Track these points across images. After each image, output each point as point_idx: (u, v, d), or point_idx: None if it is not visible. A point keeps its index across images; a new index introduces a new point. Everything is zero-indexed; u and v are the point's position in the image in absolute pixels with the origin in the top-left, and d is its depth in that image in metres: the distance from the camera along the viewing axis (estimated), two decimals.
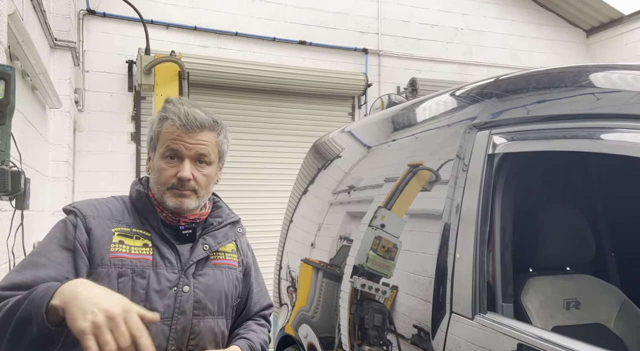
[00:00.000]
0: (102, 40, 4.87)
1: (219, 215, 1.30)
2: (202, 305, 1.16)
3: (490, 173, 1.27)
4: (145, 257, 1.13)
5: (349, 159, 2.19)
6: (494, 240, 1.24)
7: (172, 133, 1.16)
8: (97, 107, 4.81)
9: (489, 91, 1.43)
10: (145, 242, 1.14)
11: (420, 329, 1.37)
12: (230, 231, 1.29)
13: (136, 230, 1.16)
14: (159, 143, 1.19)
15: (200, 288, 1.17)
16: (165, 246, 1.16)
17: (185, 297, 1.14)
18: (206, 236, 1.23)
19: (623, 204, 1.82)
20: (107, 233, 1.12)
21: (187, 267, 1.16)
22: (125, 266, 1.10)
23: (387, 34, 6.10)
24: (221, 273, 1.23)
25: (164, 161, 1.17)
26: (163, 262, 1.14)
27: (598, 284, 1.45)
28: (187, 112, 1.18)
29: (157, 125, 1.20)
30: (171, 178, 1.16)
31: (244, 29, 5.44)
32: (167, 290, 1.12)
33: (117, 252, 1.10)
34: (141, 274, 1.10)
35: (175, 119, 1.16)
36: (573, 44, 6.88)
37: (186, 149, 1.16)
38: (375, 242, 1.73)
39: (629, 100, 1.02)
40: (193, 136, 1.17)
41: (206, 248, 1.20)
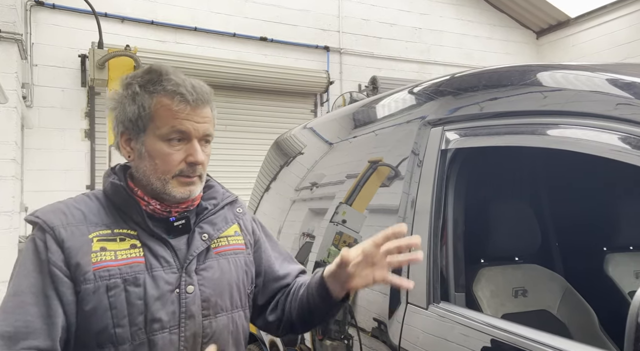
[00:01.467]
0: (53, 32, 4.66)
1: (213, 197, 1.12)
2: (212, 303, 1.01)
3: (443, 168, 1.31)
4: (135, 260, 0.96)
5: (311, 156, 2.20)
6: (447, 233, 1.29)
7: (179, 112, 0.97)
8: (47, 102, 4.60)
9: (441, 89, 1.48)
10: (132, 243, 0.97)
11: (379, 321, 1.41)
12: (229, 212, 1.12)
13: (119, 230, 0.98)
14: (153, 123, 0.98)
15: (206, 285, 1.01)
16: (157, 243, 0.99)
17: (191, 298, 0.98)
18: (202, 224, 1.06)
19: (566, 197, 1.92)
20: (85, 242, 0.95)
21: (187, 263, 1.00)
22: (113, 277, 0.93)
23: (348, 32, 6.16)
24: (227, 261, 1.07)
25: (167, 144, 0.98)
26: (158, 261, 0.97)
27: (543, 273, 1.54)
28: (192, 83, 1.00)
29: (145, 98, 0.98)
30: (179, 164, 0.98)
31: (203, 24, 5.35)
32: (168, 294, 0.96)
33: (100, 261, 0.93)
34: (134, 282, 0.94)
35: (185, 93, 0.96)
36: (524, 44, 7.19)
37: (195, 130, 0.98)
38: (336, 238, 1.75)
39: (571, 98, 1.08)
40: (199, 113, 0.99)
41: (205, 238, 1.04)
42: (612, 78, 1.03)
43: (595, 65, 1.16)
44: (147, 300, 0.94)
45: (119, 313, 0.93)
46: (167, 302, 0.96)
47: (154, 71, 1.01)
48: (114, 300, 0.92)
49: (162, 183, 0.99)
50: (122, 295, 0.93)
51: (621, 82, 1.01)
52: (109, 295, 0.92)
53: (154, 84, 0.99)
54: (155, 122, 0.98)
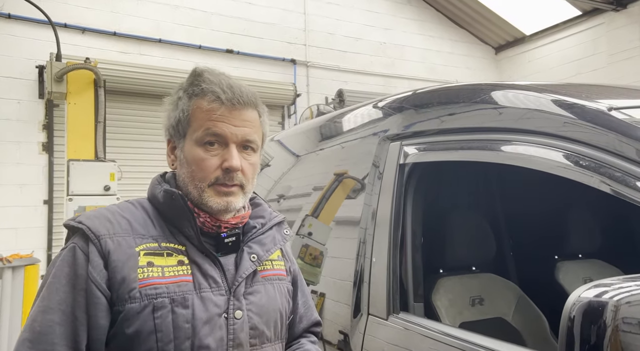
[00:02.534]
0: (8, 43, 4.50)
1: (261, 215, 1.04)
2: (259, 331, 0.93)
3: (402, 181, 1.36)
4: (183, 278, 0.87)
5: (278, 168, 2.21)
6: (406, 244, 1.32)
7: (212, 111, 0.90)
8: (2, 114, 4.42)
9: (401, 105, 1.53)
10: (180, 259, 0.89)
11: (344, 333, 1.42)
12: (278, 234, 1.04)
13: (166, 244, 0.89)
14: (191, 127, 0.91)
15: (254, 311, 0.93)
16: (206, 261, 0.90)
17: (239, 325, 0.89)
18: (251, 243, 0.98)
19: (519, 209, 2.01)
20: (131, 255, 0.85)
21: (236, 286, 0.91)
22: (161, 296, 0.84)
23: (314, 46, 6.24)
24: (272, 287, 0.99)
25: (202, 149, 0.90)
26: (207, 282, 0.89)
27: (499, 281, 1.60)
28: (230, 83, 0.92)
29: (185, 102, 0.92)
30: (214, 171, 0.90)
31: (168, 35, 5.30)
32: (216, 319, 0.87)
33: (147, 278, 0.84)
34: (182, 303, 0.85)
35: (217, 91, 0.90)
36: (484, 59, 7.47)
37: (231, 133, 0.90)
38: (302, 250, 1.76)
39: (522, 116, 1.15)
40: (238, 115, 0.91)
41: (254, 259, 0.95)
42: (557, 99, 1.10)
43: (542, 86, 1.23)
44: (194, 324, 0.85)
45: (165, 337, 0.83)
46: (216, 327, 0.87)
47: (194, 73, 0.95)
48: (160, 322, 0.83)
49: (198, 192, 0.91)
50: (169, 317, 0.84)
51: (565, 103, 1.08)
52: (155, 316, 0.83)
53: (193, 86, 0.93)
54: (192, 126, 0.92)
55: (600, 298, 0.69)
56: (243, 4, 5.78)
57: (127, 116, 5.01)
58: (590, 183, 0.95)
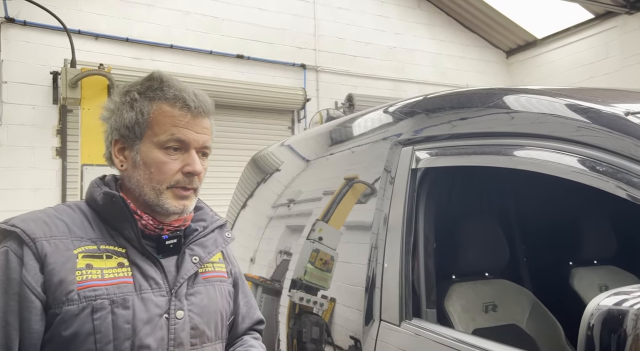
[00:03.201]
0: (24, 49, 4.59)
1: (202, 218, 1.07)
2: (200, 331, 0.96)
3: (414, 186, 1.35)
4: (124, 280, 0.89)
5: (288, 173, 2.22)
6: (418, 250, 1.32)
7: (179, 118, 0.93)
8: (17, 120, 4.50)
9: (413, 109, 1.53)
10: (120, 261, 0.90)
11: (355, 338, 1.41)
12: (219, 237, 1.07)
13: (105, 246, 0.91)
14: (151, 130, 0.93)
15: (194, 311, 0.96)
16: (146, 263, 0.92)
17: (180, 325, 0.92)
18: (193, 245, 1.00)
19: (533, 214, 1.99)
20: (69, 257, 0.86)
21: (177, 287, 0.93)
22: (100, 297, 0.85)
23: (324, 51, 6.26)
24: (213, 288, 1.02)
25: (164, 152, 0.93)
26: (148, 283, 0.91)
27: (512, 287, 1.58)
28: (195, 92, 0.97)
29: (145, 105, 0.94)
30: (175, 174, 0.94)
31: (179, 41, 5.35)
32: (157, 319, 0.90)
33: (86, 280, 0.85)
34: (123, 304, 0.87)
35: (186, 99, 0.94)
36: (495, 63, 7.44)
37: (194, 140, 0.95)
38: (313, 255, 1.76)
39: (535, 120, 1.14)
40: (200, 123, 0.96)
41: (196, 261, 0.98)
42: (571, 103, 1.09)
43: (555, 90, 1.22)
44: (135, 324, 0.87)
45: (104, 338, 0.85)
46: (156, 327, 0.90)
47: (155, 78, 0.98)
48: (99, 323, 0.85)
49: (155, 194, 0.93)
50: (108, 318, 0.85)
51: (579, 107, 1.07)
52: (94, 318, 0.84)
53: (155, 90, 0.96)
54: (154, 129, 0.94)
55: (620, 306, 0.68)
56: (253, 10, 5.82)
57: None
58: (606, 189, 0.94)
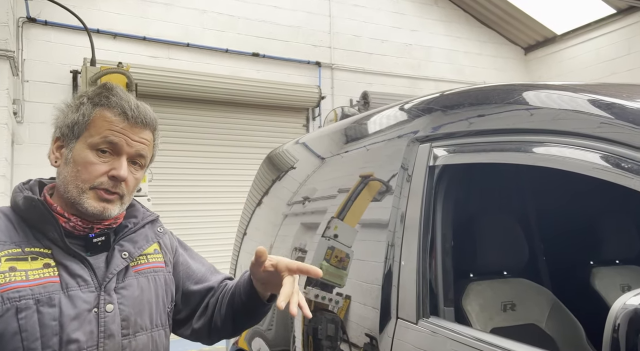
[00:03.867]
0: (44, 49, 4.68)
1: (134, 215, 1.11)
2: (132, 322, 1.00)
3: (432, 184, 1.34)
4: (49, 280, 0.92)
5: (303, 170, 2.22)
6: (435, 248, 1.30)
7: (114, 123, 0.97)
8: (38, 118, 4.59)
9: (430, 106, 1.51)
10: (45, 262, 0.93)
11: (371, 336, 1.41)
12: (150, 231, 1.12)
13: (30, 249, 0.93)
14: (88, 131, 0.98)
15: (125, 304, 1.00)
16: (73, 261, 0.96)
17: (110, 317, 0.96)
18: (123, 241, 1.05)
19: (553, 212, 1.96)
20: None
21: (106, 282, 0.97)
22: (24, 298, 0.88)
23: (340, 48, 6.25)
24: (146, 280, 1.06)
25: (94, 153, 0.97)
26: (75, 281, 0.94)
27: (531, 287, 1.56)
28: (137, 103, 1.02)
29: (88, 109, 0.99)
30: (100, 176, 0.97)
31: (196, 40, 5.40)
32: (86, 314, 0.93)
33: (9, 282, 0.88)
34: (48, 302, 0.90)
35: (125, 107, 0.99)
36: (513, 60, 7.33)
37: (127, 145, 0.99)
38: (328, 252, 1.76)
39: (556, 116, 1.12)
40: (137, 132, 1.00)
41: (125, 256, 1.03)
42: (594, 99, 1.07)
43: (577, 85, 1.20)
44: (62, 321, 0.91)
45: (30, 336, 0.88)
46: (85, 322, 0.93)
47: (106, 87, 1.03)
48: (24, 322, 0.88)
49: (77, 192, 0.97)
50: (34, 317, 0.89)
51: (602, 103, 1.04)
52: (19, 318, 0.88)
53: (101, 96, 1.01)
54: (90, 131, 0.98)
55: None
56: (269, 8, 5.84)
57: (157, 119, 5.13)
58: (631, 186, 0.91)
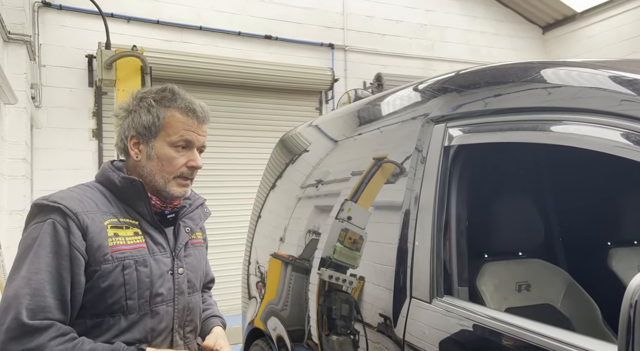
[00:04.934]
0: (60, 33, 4.71)
1: (188, 198, 1.34)
2: (192, 283, 1.27)
3: (446, 164, 1.33)
4: (140, 245, 1.16)
5: (316, 153, 2.22)
6: (450, 228, 1.30)
7: (188, 123, 1.20)
8: (55, 102, 4.65)
9: (445, 86, 1.49)
10: (135, 231, 1.17)
11: (384, 316, 1.43)
12: (201, 212, 1.37)
13: (123, 219, 1.17)
14: (164, 131, 1.20)
15: (189, 269, 1.26)
16: (155, 232, 1.20)
17: (182, 278, 1.22)
18: (185, 219, 1.30)
19: (569, 192, 1.93)
20: (102, 228, 1.12)
21: (178, 250, 1.23)
22: (127, 258, 1.13)
23: (353, 29, 6.15)
24: (198, 252, 1.33)
25: (174, 150, 1.20)
26: (157, 247, 1.19)
27: (547, 267, 1.55)
28: (200, 104, 1.24)
29: (160, 111, 1.20)
30: (181, 167, 1.20)
31: (208, 23, 5.37)
32: (166, 274, 1.19)
33: (116, 245, 1.12)
34: (143, 263, 1.14)
35: (195, 109, 1.21)
36: (530, 40, 7.14)
37: (197, 140, 1.22)
38: (342, 234, 1.77)
39: (575, 94, 1.09)
40: (201, 128, 1.23)
41: (188, 231, 1.28)
42: (615, 75, 1.04)
43: (597, 62, 1.17)
44: (152, 278, 1.15)
45: (131, 288, 1.12)
46: (165, 280, 1.18)
47: (169, 90, 1.23)
48: (128, 277, 1.12)
49: (164, 182, 1.20)
50: (134, 274, 1.12)
51: (624, 79, 1.02)
52: (125, 273, 1.11)
53: (170, 100, 1.21)
54: (167, 131, 1.19)
55: None
56: None
57: None
58: None
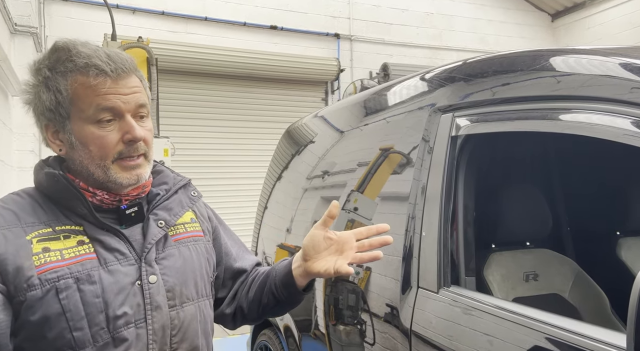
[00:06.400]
0: (66, 25, 4.72)
1: (164, 182, 1.03)
2: (177, 292, 0.95)
3: (454, 154, 1.32)
4: (86, 257, 0.87)
5: (322, 144, 2.21)
6: (457, 219, 1.30)
7: (99, 86, 0.86)
8: None
9: (452, 75, 1.48)
10: (79, 239, 0.88)
11: (391, 306, 1.43)
12: (184, 196, 1.04)
13: (61, 227, 0.88)
14: (75, 107, 0.87)
15: (168, 274, 0.94)
16: (107, 236, 0.90)
17: (155, 288, 0.91)
18: (157, 210, 0.98)
19: (578, 181, 1.91)
20: (22, 245, 0.84)
21: (145, 253, 0.92)
22: (63, 277, 0.84)
23: (358, 19, 6.11)
24: (187, 249, 1.00)
25: (97, 126, 0.87)
26: (112, 255, 0.89)
27: (554, 257, 1.54)
28: (108, 53, 0.89)
29: (59, 82, 0.87)
30: (116, 146, 0.88)
31: (214, 13, 5.36)
32: (129, 287, 0.88)
33: (45, 263, 0.84)
34: (88, 280, 0.85)
35: (100, 64, 0.85)
36: (539, 28, 7.06)
37: (124, 103, 0.88)
38: (348, 225, 1.77)
39: (584, 82, 1.08)
40: (125, 84, 0.89)
41: (162, 225, 0.96)
42: (625, 62, 1.02)
43: (607, 50, 1.15)
44: (105, 297, 0.86)
45: (75, 315, 0.84)
46: (129, 295, 0.88)
47: (61, 48, 0.89)
48: (66, 302, 0.83)
49: (103, 171, 0.89)
50: (76, 296, 0.84)
51: (634, 67, 1.00)
52: (61, 298, 0.83)
53: (64, 62, 0.87)
54: (78, 105, 0.87)
55: None
56: None
57: (176, 94, 5.17)
58: None
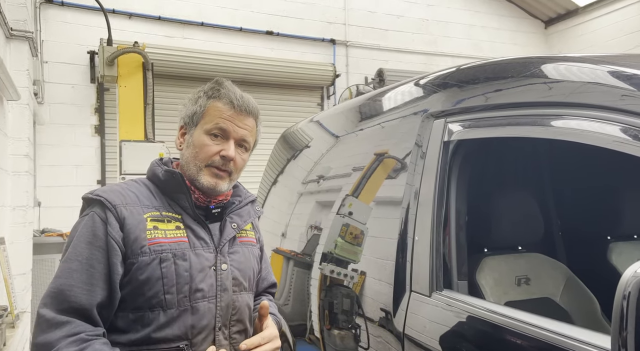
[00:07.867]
0: (62, 30, 4.72)
1: (238, 194, 1.31)
2: (239, 281, 1.20)
3: (446, 159, 1.34)
4: (181, 239, 1.13)
5: (317, 149, 2.22)
6: (450, 223, 1.31)
7: (224, 111, 1.17)
8: (57, 99, 4.67)
9: (445, 81, 1.50)
10: (177, 225, 1.15)
11: (385, 310, 1.44)
12: (251, 209, 1.32)
13: (166, 213, 1.15)
14: (204, 119, 1.19)
15: (234, 266, 1.20)
16: (198, 226, 1.17)
17: (225, 275, 1.17)
18: (232, 215, 1.25)
19: (569, 186, 1.93)
20: (141, 220, 1.11)
21: (222, 246, 1.18)
22: (165, 251, 1.10)
23: (354, 25, 6.15)
24: (247, 250, 1.27)
25: (209, 137, 1.17)
26: (199, 242, 1.15)
27: (546, 261, 1.56)
28: (242, 95, 1.21)
29: (204, 101, 1.20)
30: (213, 155, 1.16)
31: (210, 18, 5.37)
32: (207, 269, 1.14)
33: (154, 238, 1.10)
34: (182, 257, 1.11)
35: (232, 98, 1.18)
36: (532, 34, 7.12)
37: (234, 131, 1.18)
38: (343, 229, 1.78)
39: (575, 89, 1.10)
40: (242, 119, 1.19)
41: (234, 227, 1.23)
42: (615, 70, 1.04)
43: (597, 57, 1.17)
44: (191, 272, 1.11)
45: (169, 281, 1.09)
46: (207, 276, 1.14)
47: (217, 82, 1.23)
48: (165, 270, 1.09)
49: (196, 170, 1.17)
50: (172, 267, 1.09)
51: (624, 74, 1.02)
52: (162, 266, 1.08)
53: (214, 90, 1.21)
54: (205, 119, 1.19)
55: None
56: None
57: (172, 99, 5.17)
58: None
